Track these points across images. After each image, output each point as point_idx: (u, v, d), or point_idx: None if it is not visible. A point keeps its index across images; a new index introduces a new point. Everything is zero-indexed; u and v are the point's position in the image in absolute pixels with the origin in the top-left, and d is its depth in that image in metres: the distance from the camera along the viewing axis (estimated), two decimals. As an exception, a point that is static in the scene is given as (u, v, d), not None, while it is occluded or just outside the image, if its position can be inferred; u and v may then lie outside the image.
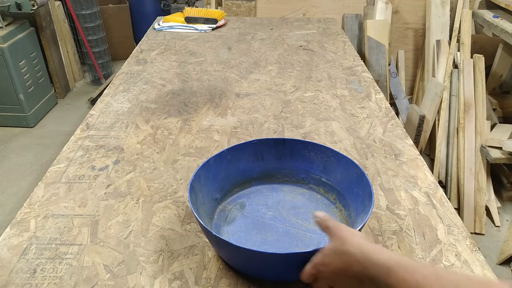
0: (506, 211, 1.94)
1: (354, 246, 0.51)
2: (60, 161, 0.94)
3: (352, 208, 0.75)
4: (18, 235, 0.74)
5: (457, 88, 2.01)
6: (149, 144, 1.01)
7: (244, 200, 0.82)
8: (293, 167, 0.85)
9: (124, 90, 1.29)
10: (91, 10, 2.99)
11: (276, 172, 0.86)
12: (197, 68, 1.45)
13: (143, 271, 0.67)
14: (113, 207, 0.81)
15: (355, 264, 0.50)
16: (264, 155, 0.84)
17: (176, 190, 0.85)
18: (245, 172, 0.83)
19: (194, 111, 1.17)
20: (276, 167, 0.85)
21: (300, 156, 0.84)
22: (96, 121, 1.11)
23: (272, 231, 0.75)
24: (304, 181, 0.85)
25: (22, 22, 2.55)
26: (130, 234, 0.74)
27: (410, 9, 2.49)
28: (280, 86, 1.32)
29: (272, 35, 1.79)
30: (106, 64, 3.25)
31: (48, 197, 0.83)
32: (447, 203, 0.83)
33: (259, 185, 0.86)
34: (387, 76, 2.32)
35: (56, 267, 0.67)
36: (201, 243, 0.73)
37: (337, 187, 0.80)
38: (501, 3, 2.07)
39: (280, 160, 0.85)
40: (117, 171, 0.91)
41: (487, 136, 1.90)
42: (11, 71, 2.42)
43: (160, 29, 1.85)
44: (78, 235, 0.74)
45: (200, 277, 0.66)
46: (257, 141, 0.83)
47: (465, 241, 0.74)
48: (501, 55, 2.11)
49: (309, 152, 0.83)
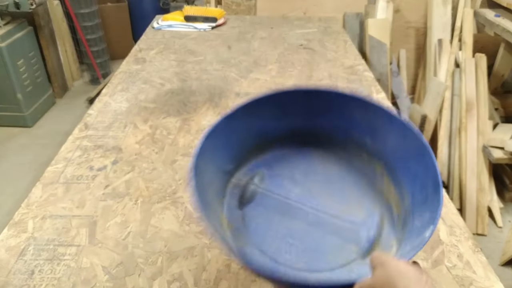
0: (509, 211, 1.93)
1: None
2: (58, 161, 0.93)
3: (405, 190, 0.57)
4: (16, 236, 0.73)
5: (459, 88, 2.00)
6: (147, 144, 1.00)
7: (264, 171, 0.65)
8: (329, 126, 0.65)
9: (122, 89, 1.27)
10: (90, 9, 2.97)
11: (305, 132, 0.66)
12: (196, 67, 1.44)
13: (142, 272, 0.66)
14: (112, 208, 0.80)
15: None
16: (290, 110, 0.64)
17: (175, 191, 0.84)
18: (265, 133, 0.65)
19: (193, 111, 1.16)
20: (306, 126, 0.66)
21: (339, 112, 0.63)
22: (94, 120, 1.10)
23: (299, 217, 0.59)
24: (341, 143, 0.66)
25: (20, 21, 2.54)
26: (128, 235, 0.73)
27: (412, 8, 2.48)
28: (280, 85, 1.31)
29: (272, 34, 1.78)
30: (104, 63, 3.24)
31: (46, 197, 0.82)
32: (449, 204, 0.82)
33: (283, 149, 0.67)
34: (388, 75, 2.31)
35: (54, 268, 0.67)
36: (200, 244, 0.72)
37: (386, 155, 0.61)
38: (502, 2, 2.06)
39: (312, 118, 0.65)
40: (115, 171, 0.90)
41: (489, 136, 1.89)
42: (9, 71, 2.41)
43: (159, 28, 1.83)
44: (76, 236, 0.73)
45: (199, 278, 0.65)
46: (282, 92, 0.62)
47: (467, 242, 0.73)
48: (503, 54, 2.11)
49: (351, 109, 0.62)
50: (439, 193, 0.48)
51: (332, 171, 0.65)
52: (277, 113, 0.64)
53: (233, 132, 0.61)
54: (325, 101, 0.63)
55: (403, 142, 0.57)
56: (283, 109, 0.64)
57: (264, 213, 0.60)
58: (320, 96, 0.63)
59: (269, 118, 0.64)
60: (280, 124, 0.65)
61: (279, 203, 0.61)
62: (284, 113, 0.64)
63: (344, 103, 0.63)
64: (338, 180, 0.64)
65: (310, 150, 0.67)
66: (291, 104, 0.64)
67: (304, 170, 0.65)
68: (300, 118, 0.65)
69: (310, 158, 0.67)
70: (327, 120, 0.65)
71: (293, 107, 0.64)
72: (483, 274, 0.67)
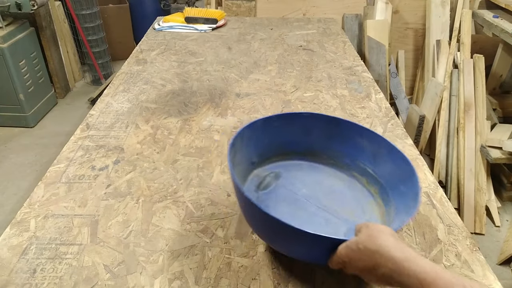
0: (506, 211, 1.94)
1: (384, 248, 0.48)
2: (60, 161, 0.94)
3: (392, 205, 0.70)
4: (18, 235, 0.74)
5: (457, 88, 2.01)
6: (149, 144, 1.01)
7: (281, 171, 0.78)
8: (341, 150, 0.79)
9: (124, 90, 1.28)
10: (91, 10, 2.99)
11: (321, 151, 0.81)
12: (197, 68, 1.45)
13: (143, 271, 0.67)
14: (113, 207, 0.81)
15: (384, 268, 0.48)
16: (314, 131, 0.79)
17: (176, 190, 0.85)
18: (289, 144, 0.79)
19: (194, 111, 1.17)
20: (323, 147, 0.80)
21: (351, 140, 0.77)
22: (96, 121, 1.11)
23: (303, 209, 0.71)
24: (348, 167, 0.80)
25: (22, 22, 2.55)
26: (130, 234, 0.74)
27: (410, 9, 2.49)
28: (280, 86, 1.32)
29: (272, 35, 1.79)
30: (106, 64, 3.25)
31: (48, 197, 0.83)
32: (447, 203, 0.83)
33: (301, 160, 0.81)
34: (387, 76, 2.32)
35: (56, 267, 0.67)
36: (201, 243, 0.72)
37: (381, 180, 0.74)
38: (501, 3, 2.07)
39: (329, 141, 0.79)
40: (117, 171, 0.91)
41: (487, 136, 1.90)
42: (11, 71, 2.42)
43: (160, 29, 1.85)
44: (78, 235, 0.74)
45: (200, 277, 0.66)
46: (309, 114, 0.78)
47: (465, 241, 0.74)
48: (501, 55, 2.11)
49: (362, 138, 0.77)
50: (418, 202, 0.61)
51: (336, 186, 0.78)
52: (303, 131, 0.79)
53: (266, 133, 0.75)
54: (342, 130, 0.78)
55: (398, 169, 0.70)
56: (308, 130, 0.79)
57: (274, 199, 0.72)
58: (339, 125, 0.78)
59: (295, 134, 0.79)
60: (303, 140, 0.80)
61: (288, 195, 0.74)
62: (307, 134, 0.79)
63: (356, 134, 0.77)
64: (340, 193, 0.77)
65: (322, 167, 0.81)
66: (314, 127, 0.79)
67: (313, 179, 0.78)
68: (320, 139, 0.80)
69: (320, 173, 0.80)
70: (340, 145, 0.79)
71: (315, 130, 0.79)
72: (481, 273, 0.68)
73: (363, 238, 0.50)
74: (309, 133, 0.79)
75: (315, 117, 0.78)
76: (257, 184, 0.75)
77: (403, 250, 0.47)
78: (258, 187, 0.75)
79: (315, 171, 0.80)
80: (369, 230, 0.51)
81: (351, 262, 0.52)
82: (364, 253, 0.49)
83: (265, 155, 0.78)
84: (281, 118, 0.76)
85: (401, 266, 0.46)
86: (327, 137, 0.79)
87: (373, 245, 0.49)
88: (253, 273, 0.67)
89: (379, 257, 0.48)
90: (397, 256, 0.47)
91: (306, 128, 0.79)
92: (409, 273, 0.45)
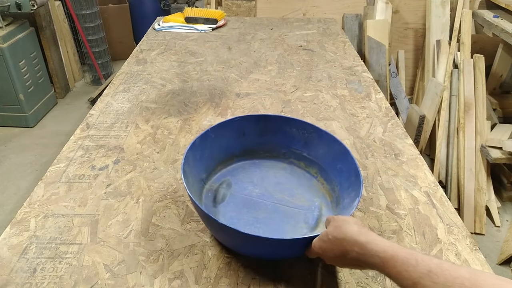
0: (506, 211, 1.94)
1: (349, 235, 0.53)
2: (60, 161, 0.94)
3: (335, 183, 0.78)
4: (18, 235, 0.74)
5: (457, 88, 2.01)
6: (149, 144, 1.01)
7: (230, 178, 0.84)
8: (274, 143, 0.87)
9: (124, 90, 1.29)
10: (91, 10, 2.99)
11: (257, 148, 0.88)
12: (197, 68, 1.45)
13: (143, 270, 0.67)
14: (113, 206, 0.81)
15: (352, 252, 0.53)
16: (246, 131, 0.86)
17: (176, 190, 0.85)
18: (228, 149, 0.85)
19: (194, 111, 1.17)
20: (258, 143, 0.87)
21: (281, 132, 0.86)
22: (96, 121, 1.11)
23: (262, 209, 0.78)
24: (284, 156, 0.88)
25: (22, 22, 2.55)
26: (130, 234, 0.74)
27: (410, 9, 2.49)
28: (280, 86, 1.32)
29: (272, 35, 1.79)
30: (106, 64, 3.25)
31: (48, 196, 0.83)
32: (447, 203, 0.83)
33: (242, 161, 0.88)
34: (387, 76, 2.32)
35: (56, 266, 0.67)
36: (201, 242, 0.73)
37: (318, 161, 0.83)
38: (501, 3, 2.07)
39: (262, 136, 0.87)
40: (117, 170, 0.91)
41: (487, 136, 1.90)
42: (11, 71, 2.42)
43: (160, 29, 1.85)
44: (78, 235, 0.74)
45: (200, 276, 0.66)
46: (239, 118, 0.84)
47: (465, 241, 0.74)
48: (501, 55, 2.11)
49: (290, 128, 0.85)
50: (359, 177, 0.69)
51: (281, 176, 0.86)
52: (237, 134, 0.85)
53: (205, 148, 0.80)
54: (270, 124, 0.86)
55: (330, 149, 0.79)
56: (241, 131, 0.85)
57: (234, 208, 0.77)
58: (267, 120, 0.86)
59: (230, 138, 0.85)
60: (239, 143, 0.86)
61: (245, 200, 0.79)
62: (241, 135, 0.86)
63: (284, 124, 0.85)
64: (286, 182, 0.84)
65: (263, 162, 0.89)
66: (246, 127, 0.85)
67: (259, 176, 0.85)
68: (253, 137, 0.87)
69: (263, 168, 0.88)
70: (273, 138, 0.87)
71: (248, 129, 0.86)
72: (479, 272, 0.68)
73: (331, 230, 0.57)
74: (242, 134, 0.86)
75: (245, 119, 0.85)
76: (213, 198, 0.79)
77: (367, 234, 0.53)
78: (215, 200, 0.79)
79: (257, 168, 0.87)
80: (335, 222, 0.57)
81: (325, 253, 0.57)
82: (333, 242, 0.55)
83: (210, 167, 0.83)
84: (215, 129, 0.81)
85: (365, 248, 0.51)
86: (260, 134, 0.86)
87: (340, 234, 0.55)
88: (253, 273, 0.67)
89: (346, 243, 0.54)
90: (361, 240, 0.52)
91: (239, 130, 0.85)
92: (372, 254, 0.50)
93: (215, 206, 0.78)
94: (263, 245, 0.62)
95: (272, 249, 0.63)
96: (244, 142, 0.86)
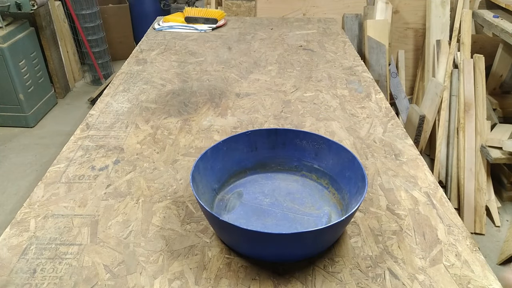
0: (506, 211, 1.94)
1: None
2: (60, 161, 0.94)
3: (345, 191, 0.79)
4: (18, 235, 0.74)
5: (457, 88, 2.01)
6: (149, 144, 1.01)
7: (242, 189, 0.85)
8: (286, 156, 0.89)
9: (124, 90, 1.28)
10: (91, 10, 2.99)
11: (269, 161, 0.90)
12: (197, 68, 1.45)
13: (143, 271, 0.67)
14: (113, 207, 0.81)
15: None
16: (258, 145, 0.88)
17: (176, 190, 0.85)
18: (240, 163, 0.87)
19: (194, 111, 1.17)
20: (270, 157, 0.89)
21: (292, 145, 0.88)
22: (96, 121, 1.11)
23: (271, 216, 0.78)
24: (296, 168, 0.89)
25: (22, 22, 2.55)
26: (130, 234, 0.74)
27: (410, 9, 2.49)
28: (280, 86, 1.32)
29: (272, 35, 1.79)
30: (106, 64, 3.25)
31: (48, 197, 0.83)
32: (447, 203, 0.83)
33: (254, 174, 0.89)
34: (387, 76, 2.32)
35: (56, 267, 0.67)
36: (201, 243, 0.72)
37: (329, 172, 0.84)
38: (501, 3, 2.07)
39: (273, 150, 0.89)
40: (117, 171, 0.91)
41: (487, 136, 1.90)
42: (11, 71, 2.42)
43: (160, 29, 1.85)
44: (78, 235, 0.74)
45: (200, 277, 0.66)
46: (251, 132, 0.86)
47: (465, 241, 0.74)
48: (501, 55, 2.11)
49: (300, 140, 0.87)
50: (365, 181, 0.71)
51: (291, 188, 0.86)
52: (248, 148, 0.87)
53: (217, 160, 0.82)
54: (281, 138, 0.88)
55: (340, 158, 0.81)
56: (253, 145, 0.88)
57: (244, 216, 0.78)
58: (278, 133, 0.87)
59: (243, 152, 0.87)
60: (251, 156, 0.88)
61: (255, 209, 0.80)
62: (253, 149, 0.88)
63: (295, 137, 0.87)
64: (297, 193, 0.85)
65: (274, 174, 0.90)
66: (258, 141, 0.87)
67: (271, 188, 0.86)
68: (265, 151, 0.89)
69: (274, 180, 0.89)
70: (284, 151, 0.89)
71: (259, 144, 0.88)
72: (481, 273, 0.67)
73: None
74: (254, 148, 0.88)
75: (256, 133, 0.87)
76: (224, 207, 0.81)
77: None
78: (226, 209, 0.80)
79: (270, 181, 0.88)
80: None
81: None
82: None
83: (222, 179, 0.84)
84: (226, 142, 0.83)
85: None
86: (271, 148, 0.89)
87: None
88: (253, 273, 0.67)
89: None
90: None
91: (251, 144, 0.87)
92: None
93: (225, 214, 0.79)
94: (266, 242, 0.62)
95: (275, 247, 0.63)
96: (256, 155, 0.88)
